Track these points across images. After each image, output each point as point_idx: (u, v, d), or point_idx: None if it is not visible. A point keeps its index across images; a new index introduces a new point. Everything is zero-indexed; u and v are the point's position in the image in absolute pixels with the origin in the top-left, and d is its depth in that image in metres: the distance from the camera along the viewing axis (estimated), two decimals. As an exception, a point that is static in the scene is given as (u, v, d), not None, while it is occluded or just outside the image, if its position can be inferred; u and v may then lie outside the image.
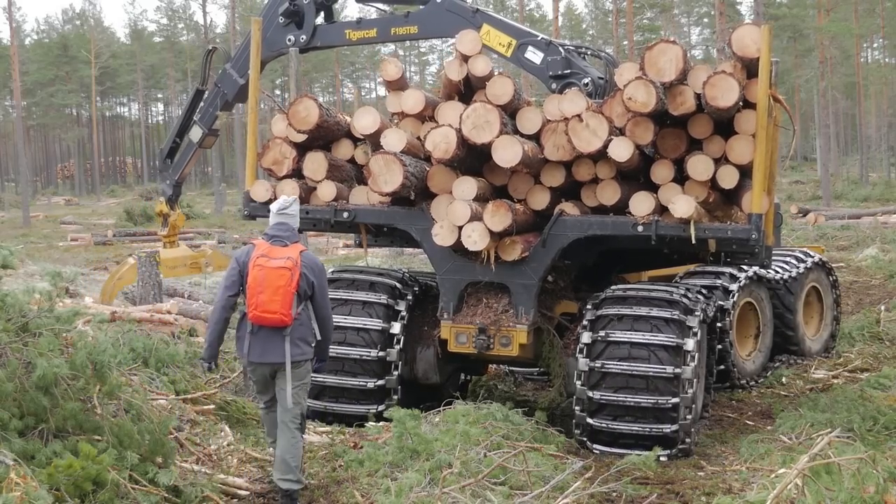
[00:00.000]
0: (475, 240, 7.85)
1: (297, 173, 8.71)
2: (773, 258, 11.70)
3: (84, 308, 11.74)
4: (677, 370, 7.69)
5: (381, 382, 8.45)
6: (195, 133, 12.79)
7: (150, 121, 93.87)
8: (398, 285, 8.74)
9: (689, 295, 8.24)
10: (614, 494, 6.61)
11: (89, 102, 76.23)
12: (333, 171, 8.69)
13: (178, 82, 77.70)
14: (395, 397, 8.44)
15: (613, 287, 8.41)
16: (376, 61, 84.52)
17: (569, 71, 9.87)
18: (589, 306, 8.21)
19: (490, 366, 10.37)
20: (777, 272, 11.63)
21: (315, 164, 8.59)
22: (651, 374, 7.72)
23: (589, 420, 7.90)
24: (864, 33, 54.05)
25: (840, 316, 12.76)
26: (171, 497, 5.92)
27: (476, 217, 7.83)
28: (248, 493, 6.61)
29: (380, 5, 12.03)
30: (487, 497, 6.13)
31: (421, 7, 10.59)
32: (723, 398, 10.09)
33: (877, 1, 52.87)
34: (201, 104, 12.68)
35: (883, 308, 14.61)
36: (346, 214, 8.51)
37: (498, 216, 7.78)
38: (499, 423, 7.51)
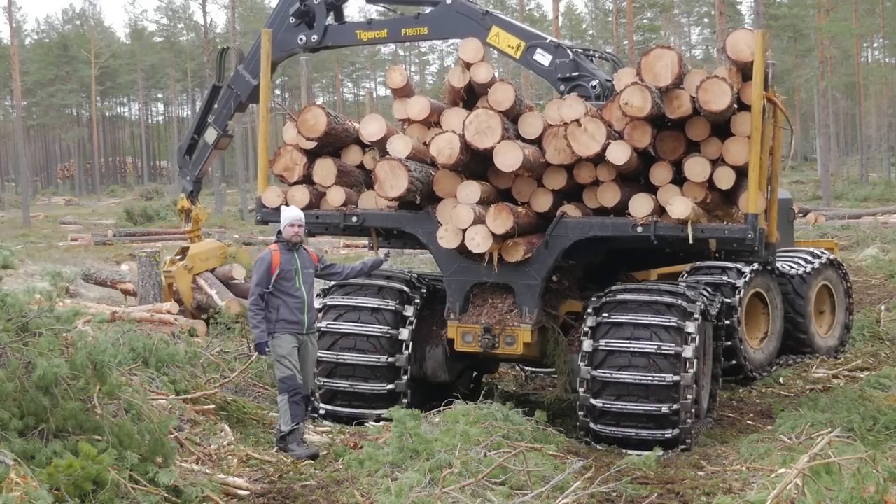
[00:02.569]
0: (478, 242, 8.02)
1: (307, 179, 8.87)
2: (785, 256, 11.82)
3: (84, 308, 11.75)
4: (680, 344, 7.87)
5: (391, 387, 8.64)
6: (210, 135, 12.80)
7: (150, 121, 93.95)
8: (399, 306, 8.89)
9: (689, 293, 8.36)
10: (614, 494, 6.61)
11: (89, 102, 76.21)
12: (342, 176, 8.87)
13: (179, 82, 77.73)
14: (405, 401, 8.60)
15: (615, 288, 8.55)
16: (376, 61, 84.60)
17: (577, 73, 9.94)
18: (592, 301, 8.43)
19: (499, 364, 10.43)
20: (787, 268, 11.67)
21: (324, 170, 8.77)
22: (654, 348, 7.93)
23: (593, 373, 8.04)
24: (864, 33, 54.02)
25: (852, 315, 12.80)
26: (171, 497, 5.92)
27: (479, 220, 7.98)
28: (248, 493, 6.61)
29: (388, 6, 12.08)
30: (487, 497, 6.13)
31: (431, 8, 10.62)
32: (723, 398, 10.09)
33: (877, 1, 52.86)
34: (216, 105, 12.67)
35: (883, 308, 14.63)
36: (354, 219, 8.71)
37: (500, 219, 7.93)
38: (499, 423, 7.52)
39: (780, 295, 11.54)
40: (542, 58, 10.12)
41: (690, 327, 7.98)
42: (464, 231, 8.03)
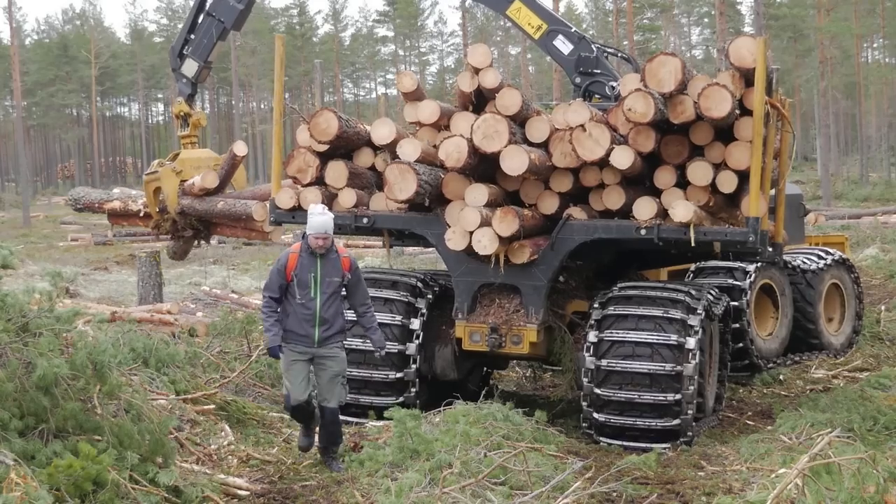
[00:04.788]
0: (485, 244, 8.17)
1: (320, 181, 8.96)
2: (796, 254, 11.97)
3: (84, 308, 11.75)
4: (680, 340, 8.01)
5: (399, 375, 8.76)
6: (189, 67, 12.24)
7: (150, 121, 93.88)
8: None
9: (694, 291, 8.47)
10: (614, 494, 6.61)
11: (89, 102, 76.24)
12: (354, 178, 8.99)
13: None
14: (413, 390, 8.74)
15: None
16: (377, 62, 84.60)
17: (598, 71, 9.93)
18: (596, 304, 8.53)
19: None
20: (797, 264, 11.78)
21: (336, 172, 8.88)
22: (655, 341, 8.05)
23: (598, 363, 8.17)
24: (864, 33, 54.06)
25: (863, 312, 12.89)
26: (171, 497, 5.92)
27: (486, 223, 8.13)
28: (248, 493, 6.61)
29: None
30: (487, 497, 6.13)
31: None
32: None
33: (877, 1, 52.88)
34: (192, 35, 12.07)
35: (883, 308, 14.64)
36: (365, 220, 8.84)
37: (506, 222, 8.08)
38: (499, 423, 7.54)
39: (789, 288, 11.68)
40: (563, 45, 10.10)
41: (693, 320, 8.11)
42: (471, 233, 8.18)
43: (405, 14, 76.99)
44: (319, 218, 7.15)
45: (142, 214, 13.51)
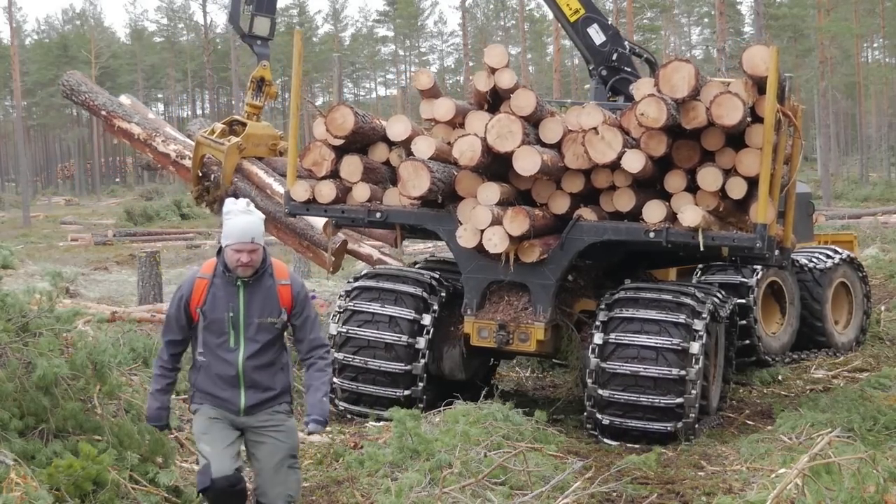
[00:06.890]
0: (495, 243, 8.24)
1: (335, 174, 9.02)
2: (803, 253, 12.05)
3: (84, 308, 11.75)
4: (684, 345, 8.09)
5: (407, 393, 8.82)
6: (261, 26, 11.45)
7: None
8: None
9: (699, 293, 8.57)
10: (614, 494, 6.61)
11: (90, 102, 76.17)
12: (368, 173, 9.04)
13: (179, 82, 77.75)
14: (421, 384, 8.79)
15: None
16: (377, 62, 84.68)
17: (629, 69, 9.92)
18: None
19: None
20: (806, 263, 11.91)
21: (351, 166, 8.94)
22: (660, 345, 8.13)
23: (602, 365, 8.26)
24: (864, 33, 54.13)
25: (870, 310, 12.96)
26: (171, 497, 5.92)
27: (497, 221, 8.19)
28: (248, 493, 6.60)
29: None
30: (487, 497, 6.13)
31: None
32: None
33: (877, 1, 52.92)
34: None
35: (883, 308, 14.65)
36: (378, 215, 8.92)
37: (517, 221, 8.15)
38: (499, 423, 7.55)
39: (798, 298, 11.79)
40: (596, 35, 10.08)
41: (698, 324, 8.17)
42: (482, 231, 8.25)
43: (405, 14, 77.09)
44: (241, 219, 4.88)
45: (173, 158, 12.07)
